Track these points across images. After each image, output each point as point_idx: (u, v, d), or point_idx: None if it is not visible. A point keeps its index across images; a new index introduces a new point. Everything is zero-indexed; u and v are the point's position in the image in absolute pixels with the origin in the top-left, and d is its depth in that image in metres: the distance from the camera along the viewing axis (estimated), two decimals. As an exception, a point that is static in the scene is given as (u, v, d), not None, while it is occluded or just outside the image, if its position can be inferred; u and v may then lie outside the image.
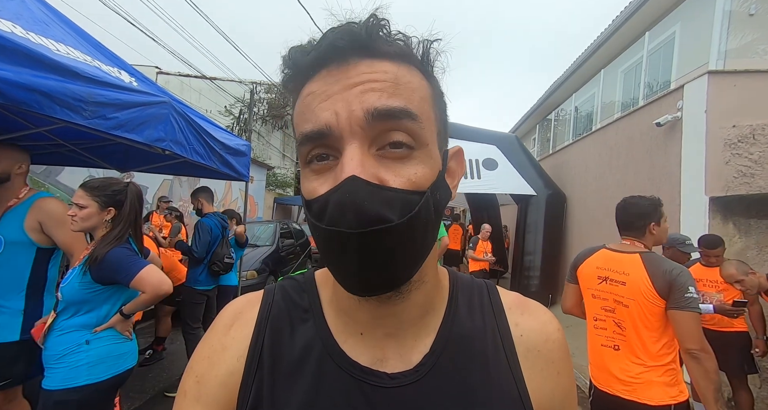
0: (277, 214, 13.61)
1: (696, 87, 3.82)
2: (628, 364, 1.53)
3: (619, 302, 1.59)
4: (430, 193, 0.37)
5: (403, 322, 0.43)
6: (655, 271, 1.51)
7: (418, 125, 0.36)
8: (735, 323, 2.66)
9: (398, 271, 0.36)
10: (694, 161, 3.75)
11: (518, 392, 0.43)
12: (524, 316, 0.48)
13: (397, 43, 0.37)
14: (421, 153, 0.37)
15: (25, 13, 1.60)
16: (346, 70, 0.36)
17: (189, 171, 3.47)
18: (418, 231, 0.36)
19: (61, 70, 1.48)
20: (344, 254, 0.34)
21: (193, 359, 0.46)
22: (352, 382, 0.41)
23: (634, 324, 1.54)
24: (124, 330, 1.59)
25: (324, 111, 0.35)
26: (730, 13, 4.09)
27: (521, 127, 12.56)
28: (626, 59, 6.35)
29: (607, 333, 1.62)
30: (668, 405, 1.45)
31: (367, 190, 0.33)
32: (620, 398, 1.52)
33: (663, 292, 1.48)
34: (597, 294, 1.67)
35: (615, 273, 1.61)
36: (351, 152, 0.34)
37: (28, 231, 1.74)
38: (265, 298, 0.49)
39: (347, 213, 0.32)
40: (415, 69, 0.39)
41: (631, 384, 1.50)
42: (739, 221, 3.46)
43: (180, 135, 2.21)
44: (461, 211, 15.47)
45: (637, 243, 1.66)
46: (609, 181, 5.60)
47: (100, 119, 1.65)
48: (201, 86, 13.67)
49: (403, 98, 0.36)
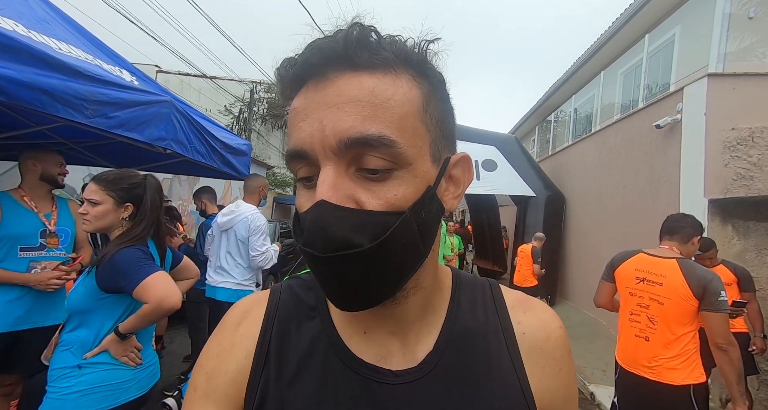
0: (277, 214, 13.60)
1: (695, 89, 3.83)
2: (656, 353, 1.79)
3: (654, 300, 1.83)
4: (410, 213, 0.35)
5: (404, 322, 0.44)
6: (692, 275, 1.74)
7: (395, 150, 0.34)
8: (735, 324, 2.67)
9: (377, 291, 0.36)
10: (693, 163, 3.77)
11: (521, 389, 0.43)
12: (527, 314, 0.48)
13: (382, 51, 0.35)
14: (404, 172, 0.35)
15: (27, 12, 1.61)
16: (324, 86, 0.35)
17: (189, 170, 3.46)
18: (394, 253, 0.35)
19: (63, 68, 1.48)
20: (320, 274, 0.36)
21: (202, 355, 0.47)
22: (357, 379, 0.41)
23: (666, 320, 1.79)
24: (121, 354, 1.27)
25: (301, 132, 0.35)
26: (729, 16, 4.12)
27: (521, 128, 12.58)
28: (626, 61, 6.37)
29: (640, 326, 1.88)
30: (688, 386, 1.72)
31: (335, 214, 0.33)
32: (647, 379, 1.80)
33: (698, 294, 1.71)
34: (634, 293, 1.92)
35: (652, 275, 1.85)
36: (324, 174, 0.34)
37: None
38: (272, 297, 0.49)
39: (315, 236, 0.33)
40: (405, 76, 0.36)
41: (657, 368, 1.78)
42: (738, 223, 3.47)
43: (181, 134, 2.21)
44: (460, 212, 15.49)
45: (675, 249, 1.89)
46: (608, 183, 5.62)
47: (101, 118, 1.65)
48: (201, 85, 13.66)
49: (380, 121, 0.34)
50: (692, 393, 1.72)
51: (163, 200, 1.53)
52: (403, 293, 0.40)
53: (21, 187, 1.98)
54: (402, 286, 0.38)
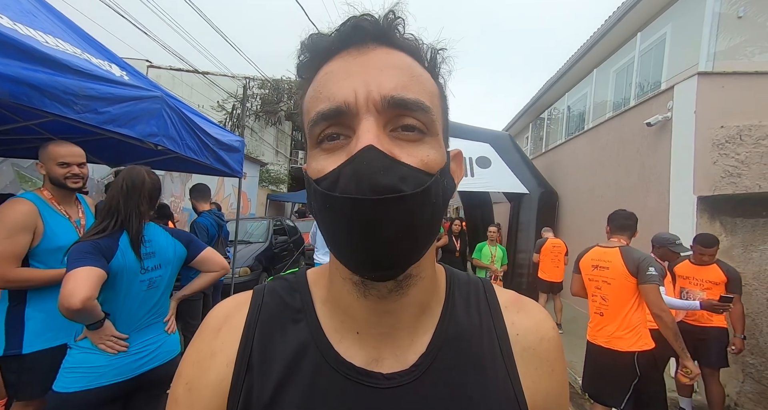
0: (270, 211, 13.53)
1: (686, 88, 3.88)
2: (608, 324, 2.24)
3: (604, 282, 2.28)
4: (440, 177, 0.37)
5: (400, 321, 0.43)
6: (628, 258, 2.20)
7: (429, 117, 0.37)
8: (714, 318, 2.74)
9: (407, 249, 0.36)
10: (683, 161, 3.82)
11: (514, 392, 0.43)
12: (520, 315, 0.48)
13: (410, 41, 0.39)
14: (432, 139, 0.38)
15: (13, 4, 1.57)
16: (365, 52, 0.37)
17: (181, 166, 3.43)
18: (426, 209, 0.36)
19: (50, 62, 1.45)
20: (356, 226, 0.33)
21: (182, 363, 0.45)
22: (347, 384, 0.40)
23: (614, 297, 2.23)
24: (96, 341, 1.34)
25: (343, 89, 0.36)
26: (719, 15, 4.16)
27: (515, 126, 12.64)
28: (618, 59, 6.42)
29: (596, 304, 2.33)
30: (633, 352, 2.14)
31: (384, 160, 0.33)
32: (601, 347, 2.25)
33: (632, 272, 2.15)
34: (591, 278, 2.38)
35: (602, 262, 2.32)
36: (367, 126, 0.34)
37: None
38: (253, 300, 0.47)
39: (363, 181, 0.32)
40: (424, 68, 0.40)
41: (609, 337, 2.22)
42: (726, 220, 3.53)
43: (173, 130, 2.18)
44: (454, 209, 15.55)
45: (622, 240, 2.33)
46: (600, 180, 5.68)
47: (91, 113, 1.62)
48: (193, 81, 13.48)
49: (417, 91, 0.37)
50: (635, 359, 2.13)
51: (143, 189, 1.47)
52: (407, 281, 0.40)
53: (45, 188, 1.70)
54: (423, 254, 0.39)
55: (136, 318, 1.46)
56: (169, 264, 1.56)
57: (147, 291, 1.48)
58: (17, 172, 4.49)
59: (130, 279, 1.42)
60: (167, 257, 1.56)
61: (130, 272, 1.41)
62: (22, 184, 4.50)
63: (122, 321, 1.42)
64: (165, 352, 1.53)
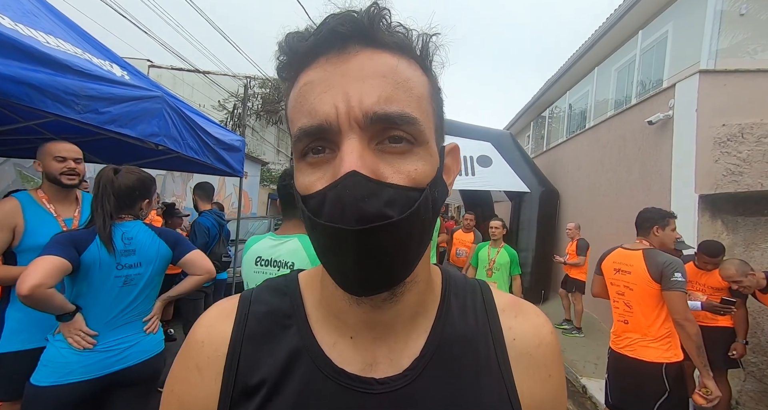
0: (271, 210, 13.54)
1: (687, 86, 3.86)
2: (634, 333, 2.06)
3: (627, 287, 2.11)
4: (429, 190, 0.36)
5: (394, 325, 0.42)
6: (651, 262, 2.02)
7: (417, 128, 0.35)
8: (719, 319, 2.71)
9: (397, 269, 0.36)
10: (684, 159, 3.81)
11: (508, 397, 0.42)
12: (518, 319, 0.47)
13: (397, 34, 0.36)
14: (421, 149, 0.36)
15: (14, 4, 1.57)
16: (346, 58, 0.34)
17: (182, 166, 3.44)
18: (416, 228, 0.35)
19: (51, 62, 1.45)
20: (343, 252, 0.33)
21: (170, 377, 0.45)
22: (339, 390, 0.40)
23: (639, 304, 2.05)
24: (66, 335, 1.34)
25: (323, 104, 0.34)
26: (721, 12, 4.14)
27: (516, 124, 12.61)
28: (620, 57, 6.39)
29: (620, 311, 2.16)
30: (661, 363, 1.96)
31: (367, 186, 0.32)
32: (626, 356, 2.07)
33: (656, 277, 1.98)
34: (613, 282, 2.21)
35: (624, 265, 2.14)
36: (350, 145, 0.33)
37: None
38: (240, 307, 0.45)
39: (347, 209, 0.32)
40: (414, 62, 0.38)
41: (634, 346, 2.05)
42: (727, 218, 3.53)
43: (173, 130, 2.19)
44: (455, 208, 15.54)
45: (644, 242, 2.17)
46: (601, 179, 5.67)
47: (92, 113, 1.63)
48: (194, 80, 13.50)
49: (403, 101, 0.34)
50: (664, 370, 1.95)
51: (107, 187, 1.48)
52: (401, 288, 0.39)
53: (41, 187, 1.74)
54: (414, 268, 0.38)
55: (109, 314, 1.45)
56: (150, 264, 1.54)
57: (122, 288, 1.46)
58: (19, 172, 4.51)
59: (105, 274, 1.41)
60: (149, 256, 1.53)
61: (105, 266, 1.41)
62: (25, 183, 4.52)
63: (94, 316, 1.41)
64: (139, 352, 1.49)
